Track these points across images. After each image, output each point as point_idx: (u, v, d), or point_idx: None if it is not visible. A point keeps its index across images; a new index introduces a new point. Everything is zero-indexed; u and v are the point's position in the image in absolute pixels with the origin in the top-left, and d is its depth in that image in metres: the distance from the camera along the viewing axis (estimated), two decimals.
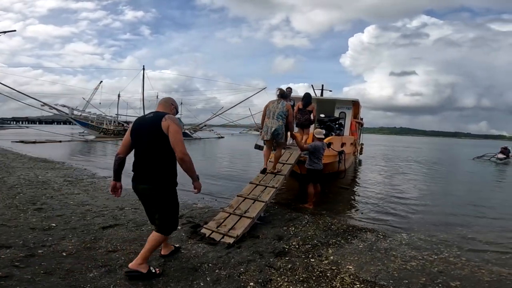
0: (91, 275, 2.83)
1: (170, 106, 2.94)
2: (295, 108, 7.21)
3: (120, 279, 2.78)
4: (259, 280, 2.95)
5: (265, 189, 5.30)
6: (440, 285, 3.12)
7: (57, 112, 27.06)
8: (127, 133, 2.83)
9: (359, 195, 7.68)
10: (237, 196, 5.16)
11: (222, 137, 37.99)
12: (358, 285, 3.02)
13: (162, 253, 3.29)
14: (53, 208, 4.86)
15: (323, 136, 6.08)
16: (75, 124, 29.55)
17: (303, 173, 5.97)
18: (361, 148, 15.56)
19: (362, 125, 14.41)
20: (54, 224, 4.09)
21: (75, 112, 28.16)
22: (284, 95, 5.63)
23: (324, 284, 3.00)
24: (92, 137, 27.64)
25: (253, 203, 4.84)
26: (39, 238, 3.58)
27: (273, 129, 5.37)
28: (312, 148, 5.79)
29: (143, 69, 35.71)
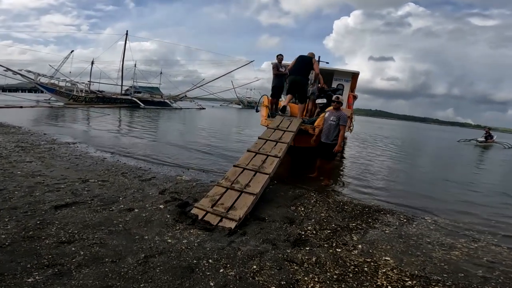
0: (29, 280, 1.87)
1: (312, 54, 6.42)
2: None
3: (76, 286, 1.82)
4: (282, 283, 2.11)
5: (266, 158, 4.39)
6: (502, 277, 2.57)
7: (22, 79, 24.31)
8: (294, 60, 6.26)
9: (356, 171, 6.93)
10: (234, 166, 4.19)
11: (203, 108, 36.67)
12: (409, 282, 2.33)
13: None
14: None
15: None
16: (42, 92, 26.92)
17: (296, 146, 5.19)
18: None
19: (356, 99, 13.62)
20: None
21: (42, 79, 25.38)
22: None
23: (366, 283, 2.26)
24: (60, 103, 25.15)
25: (254, 175, 3.92)
26: None
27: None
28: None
29: (126, 34, 32.72)
